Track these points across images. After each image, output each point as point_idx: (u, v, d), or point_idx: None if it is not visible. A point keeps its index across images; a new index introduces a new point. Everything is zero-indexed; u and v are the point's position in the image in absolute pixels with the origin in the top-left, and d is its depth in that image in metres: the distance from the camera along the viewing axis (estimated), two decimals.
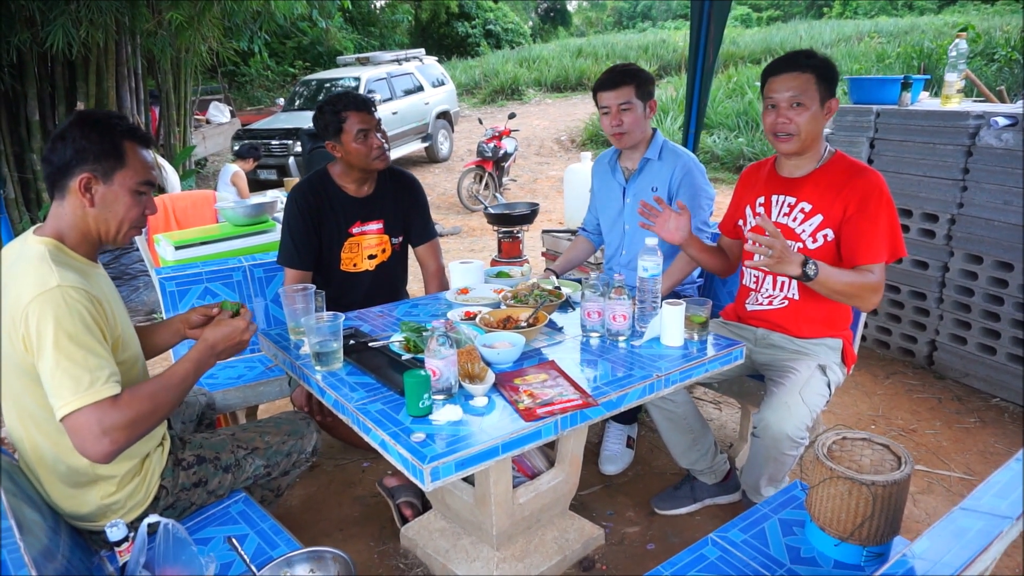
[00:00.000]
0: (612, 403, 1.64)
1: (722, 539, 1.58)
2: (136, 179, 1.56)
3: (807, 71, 1.98)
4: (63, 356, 1.37)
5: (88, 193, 1.52)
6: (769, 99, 2.04)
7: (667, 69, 16.82)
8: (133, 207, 1.57)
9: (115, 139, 1.53)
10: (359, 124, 2.35)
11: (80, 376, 1.38)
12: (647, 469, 2.66)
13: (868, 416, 3.00)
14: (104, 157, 1.51)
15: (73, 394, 1.37)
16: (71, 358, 1.38)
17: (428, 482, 1.36)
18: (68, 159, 1.50)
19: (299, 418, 2.02)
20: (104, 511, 1.58)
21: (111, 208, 1.55)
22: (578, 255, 2.88)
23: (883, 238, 1.96)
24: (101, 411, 1.38)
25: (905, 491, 1.43)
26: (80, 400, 1.37)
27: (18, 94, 5.13)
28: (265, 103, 15.56)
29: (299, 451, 1.95)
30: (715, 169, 9.13)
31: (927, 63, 9.04)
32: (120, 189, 1.54)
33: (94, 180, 1.51)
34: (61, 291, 1.40)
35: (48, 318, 1.38)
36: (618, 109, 2.45)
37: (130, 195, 1.56)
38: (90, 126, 1.52)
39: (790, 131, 2.01)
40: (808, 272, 1.85)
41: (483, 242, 6.77)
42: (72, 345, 1.38)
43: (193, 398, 2.19)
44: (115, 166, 1.53)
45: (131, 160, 1.55)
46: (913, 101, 3.40)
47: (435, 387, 1.59)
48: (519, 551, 2.03)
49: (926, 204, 3.22)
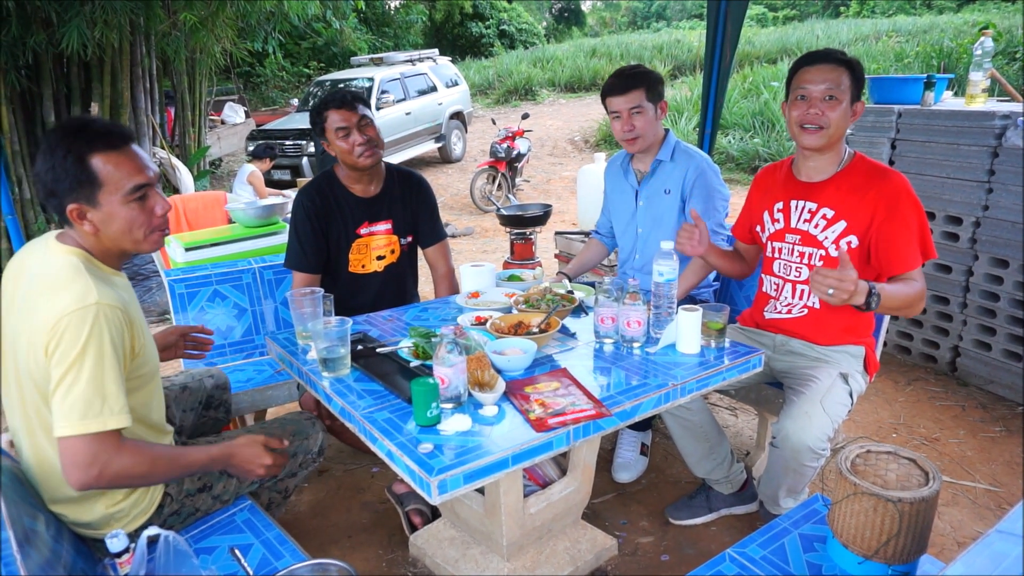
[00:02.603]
0: (626, 413, 1.59)
1: (740, 555, 1.52)
2: (122, 191, 1.46)
3: (842, 66, 1.92)
4: (85, 376, 1.35)
5: (84, 220, 1.46)
6: (801, 90, 1.96)
7: (682, 69, 16.72)
8: (136, 216, 1.49)
9: (79, 160, 1.42)
10: (339, 122, 2.33)
11: (93, 401, 1.35)
12: (661, 477, 2.60)
13: (889, 424, 2.93)
14: (78, 185, 1.42)
15: (81, 418, 1.34)
16: (93, 380, 1.35)
17: (435, 495, 1.31)
18: (49, 193, 1.45)
19: (304, 418, 1.99)
20: (108, 520, 1.55)
21: (113, 227, 1.48)
22: (591, 258, 2.83)
23: (916, 243, 1.91)
24: (100, 443, 1.36)
25: (933, 508, 1.37)
26: (86, 426, 1.34)
27: (34, 95, 5.16)
28: (279, 104, 15.63)
29: (305, 452, 1.92)
30: (730, 170, 9.04)
31: (947, 62, 8.89)
32: (111, 207, 1.46)
33: (83, 208, 1.44)
34: (99, 308, 1.37)
35: (82, 334, 1.35)
36: (629, 114, 2.40)
37: (125, 208, 1.47)
38: (52, 152, 1.42)
39: (821, 123, 1.94)
40: (871, 303, 1.75)
41: (496, 243, 6.73)
42: (97, 367, 1.36)
43: (197, 382, 2.13)
44: (93, 189, 1.43)
45: (106, 175, 1.44)
46: (936, 101, 3.31)
47: (444, 396, 1.55)
48: (530, 562, 1.99)
49: (950, 206, 3.13)
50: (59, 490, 1.50)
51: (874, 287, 1.75)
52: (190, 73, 7.17)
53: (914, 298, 1.88)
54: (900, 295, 1.85)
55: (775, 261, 2.16)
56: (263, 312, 2.80)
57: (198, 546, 1.64)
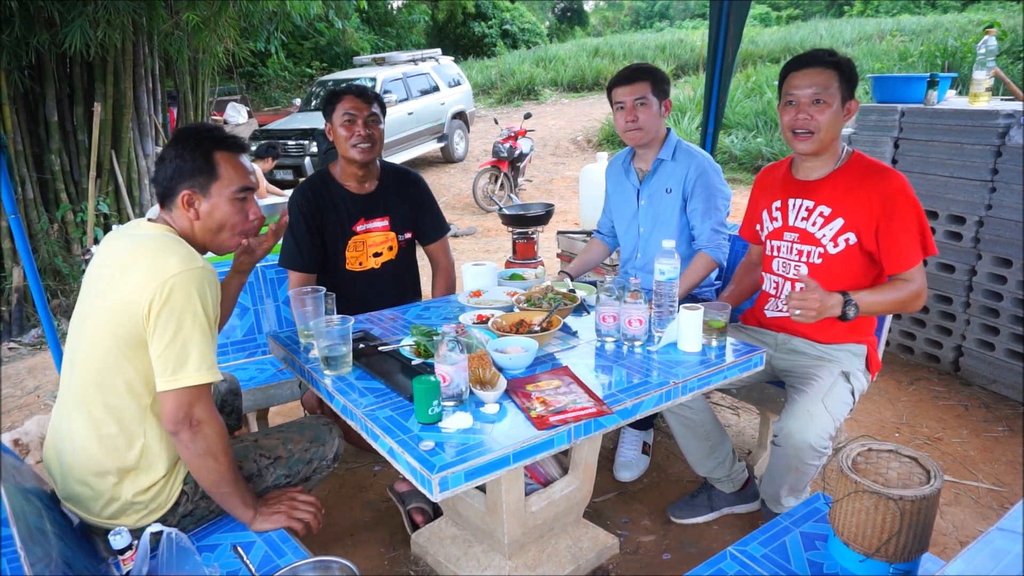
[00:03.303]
0: (627, 411, 1.59)
1: (741, 553, 1.52)
2: (232, 187, 1.64)
3: (830, 68, 1.92)
4: (197, 331, 1.47)
5: (191, 208, 1.62)
6: (789, 96, 1.97)
7: (684, 69, 16.71)
8: (234, 214, 1.66)
9: (206, 153, 1.61)
10: (349, 108, 2.35)
11: (191, 357, 1.47)
12: (663, 476, 2.60)
13: (892, 424, 2.92)
14: (198, 173, 1.61)
15: (176, 372, 1.45)
16: (204, 335, 1.48)
17: (436, 492, 1.32)
18: (169, 177, 1.62)
19: (322, 424, 1.94)
20: (127, 508, 1.56)
21: (214, 218, 1.64)
22: (593, 257, 2.83)
23: (916, 241, 1.91)
24: (194, 395, 1.48)
25: (935, 506, 1.36)
26: (183, 379, 1.46)
27: (37, 95, 5.15)
28: (282, 104, 15.65)
29: (320, 458, 1.89)
30: (733, 170, 9.02)
31: (951, 62, 8.86)
32: (219, 200, 1.63)
33: (194, 195, 1.62)
34: (204, 272, 1.51)
35: (193, 293, 1.47)
36: (633, 104, 2.40)
37: (229, 203, 1.64)
38: (182, 144, 1.61)
39: (810, 128, 1.94)
40: (848, 313, 1.81)
41: (498, 243, 6.73)
42: (206, 324, 1.49)
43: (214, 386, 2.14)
44: (209, 179, 1.62)
45: (224, 171, 1.63)
46: (939, 100, 3.31)
47: (445, 393, 1.55)
48: (531, 560, 1.99)
49: (953, 206, 3.13)
50: (101, 463, 1.53)
51: (849, 298, 1.80)
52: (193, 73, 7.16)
53: (906, 299, 1.90)
54: (884, 300, 1.88)
55: (774, 259, 2.16)
56: (265, 311, 2.81)
57: (201, 544, 1.64)
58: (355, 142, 2.36)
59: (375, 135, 2.38)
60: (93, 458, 1.54)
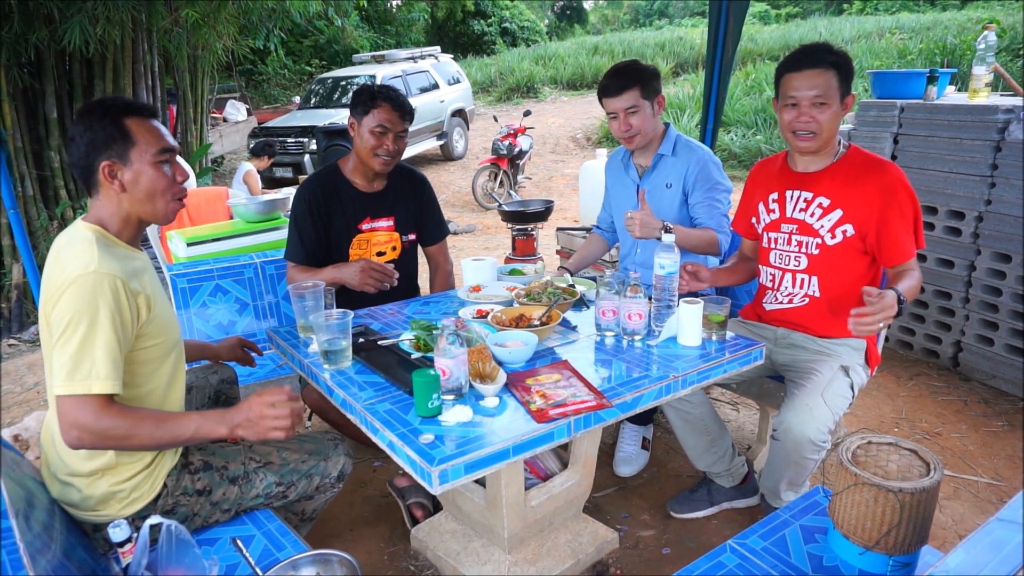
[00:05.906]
0: (627, 404, 1.59)
1: (741, 546, 1.52)
2: (151, 150, 1.57)
3: (829, 68, 1.91)
4: (77, 338, 1.40)
5: (115, 179, 1.55)
6: (790, 97, 1.96)
7: (684, 66, 16.70)
8: (160, 178, 1.59)
9: (116, 121, 1.54)
10: (385, 119, 2.34)
11: (81, 364, 1.39)
12: (663, 471, 2.61)
13: (891, 419, 2.92)
14: (112, 141, 1.54)
15: (68, 379, 1.39)
16: (83, 344, 1.40)
17: (436, 485, 1.32)
18: (84, 154, 1.55)
19: (327, 437, 1.86)
20: (109, 498, 1.55)
21: (140, 186, 1.57)
22: (592, 253, 2.83)
23: (912, 232, 1.94)
24: (84, 405, 1.39)
25: (934, 499, 1.37)
26: (70, 387, 1.39)
27: (36, 92, 5.15)
28: (282, 101, 15.63)
29: (322, 474, 1.78)
30: (732, 167, 9.03)
31: (950, 59, 8.86)
32: (140, 165, 1.56)
33: (114, 165, 1.55)
34: (97, 276, 1.43)
35: (79, 300, 1.41)
36: (626, 114, 2.39)
37: (152, 168, 1.57)
38: (89, 116, 1.55)
39: (812, 129, 1.94)
40: (902, 310, 1.75)
41: (497, 240, 6.73)
42: (89, 333, 1.40)
43: (202, 380, 2.12)
44: (126, 146, 1.55)
45: (138, 134, 1.56)
46: (939, 95, 3.30)
47: (445, 387, 1.55)
48: (531, 554, 1.99)
49: (952, 201, 3.13)
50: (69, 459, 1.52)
51: (900, 295, 1.73)
52: (192, 70, 7.16)
53: (918, 287, 1.92)
54: (913, 288, 1.88)
55: (771, 251, 2.16)
56: (265, 306, 2.81)
57: (200, 537, 1.64)
58: (381, 154, 2.37)
59: (400, 149, 2.41)
60: (70, 455, 1.52)
